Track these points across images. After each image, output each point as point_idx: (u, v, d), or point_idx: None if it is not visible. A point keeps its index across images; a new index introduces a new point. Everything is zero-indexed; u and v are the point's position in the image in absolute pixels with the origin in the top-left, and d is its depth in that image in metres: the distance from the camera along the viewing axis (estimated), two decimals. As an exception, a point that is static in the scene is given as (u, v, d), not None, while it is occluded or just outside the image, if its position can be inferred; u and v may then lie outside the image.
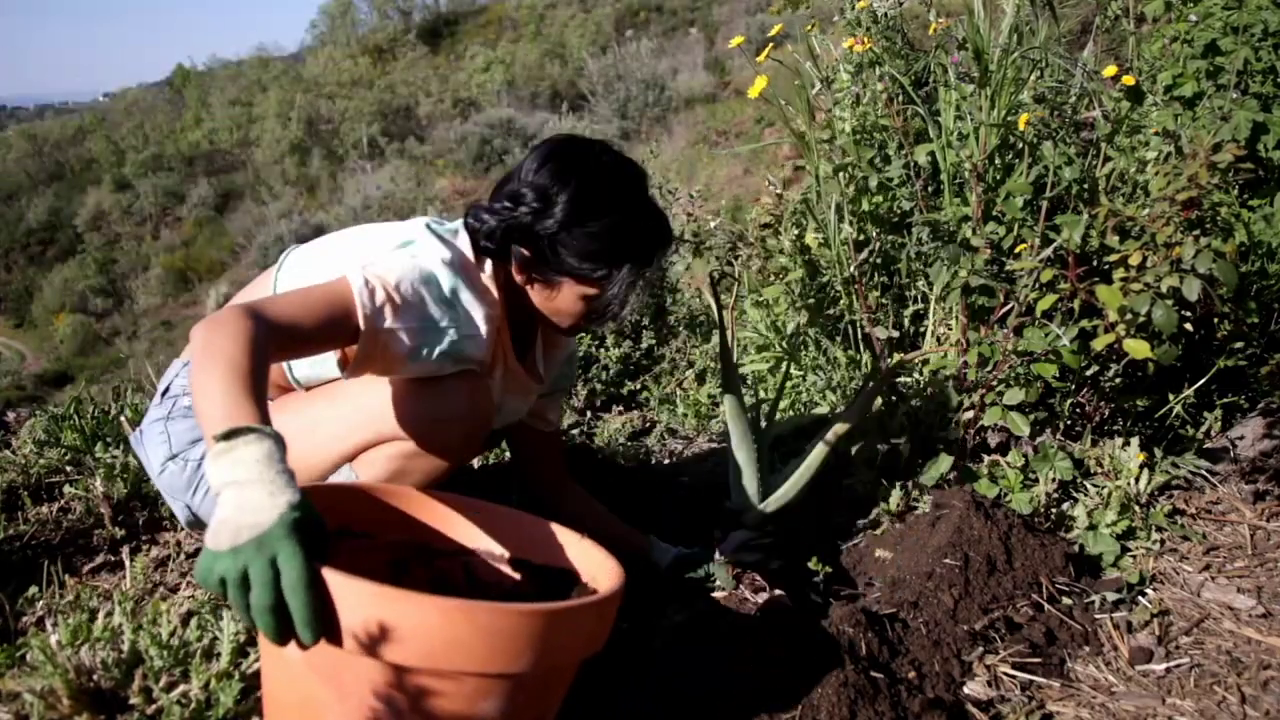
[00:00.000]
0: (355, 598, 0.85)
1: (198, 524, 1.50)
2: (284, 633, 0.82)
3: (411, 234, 1.35)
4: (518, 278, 1.39)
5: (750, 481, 1.70)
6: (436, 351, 1.26)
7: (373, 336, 1.19)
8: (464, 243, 1.38)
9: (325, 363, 1.35)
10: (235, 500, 0.85)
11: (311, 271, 1.41)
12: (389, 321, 1.20)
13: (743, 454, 1.69)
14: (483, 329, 1.31)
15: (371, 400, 1.33)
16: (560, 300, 1.39)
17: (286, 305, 1.13)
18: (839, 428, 1.69)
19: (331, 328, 1.16)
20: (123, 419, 1.88)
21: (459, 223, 1.41)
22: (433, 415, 1.31)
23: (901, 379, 1.96)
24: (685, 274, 2.91)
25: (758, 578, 1.55)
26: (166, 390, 1.50)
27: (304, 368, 1.43)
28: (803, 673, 1.24)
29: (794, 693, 1.21)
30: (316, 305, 1.15)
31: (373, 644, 0.85)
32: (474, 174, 22.84)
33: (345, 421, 1.36)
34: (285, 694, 0.96)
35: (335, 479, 1.38)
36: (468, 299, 1.30)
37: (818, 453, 1.69)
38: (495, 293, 1.36)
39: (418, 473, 1.35)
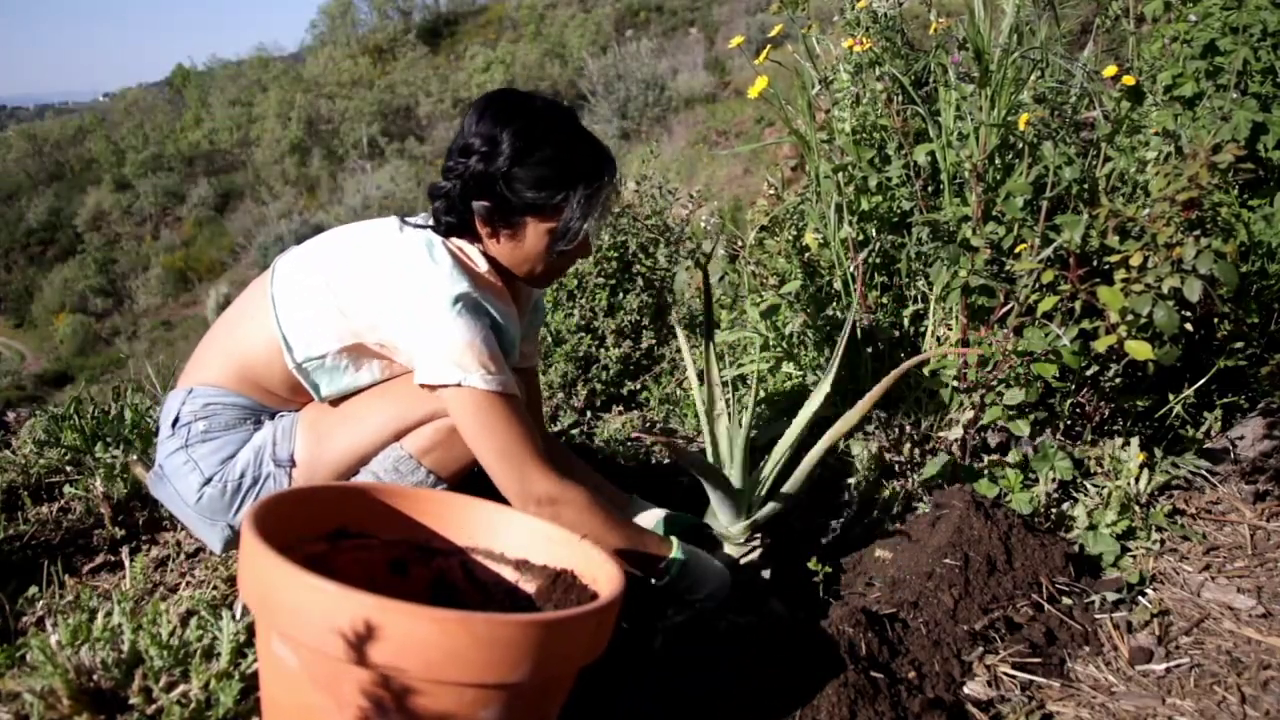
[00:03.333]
0: (353, 608, 0.85)
1: (238, 544, 1.49)
2: None
3: (421, 266, 1.43)
4: (482, 233, 1.49)
5: (725, 504, 1.61)
6: (507, 348, 1.47)
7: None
8: (441, 253, 1.45)
9: (350, 381, 1.49)
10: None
11: (310, 299, 1.47)
12: (497, 370, 1.39)
13: (711, 487, 1.60)
14: (506, 310, 1.48)
15: (423, 388, 1.44)
16: (527, 243, 1.49)
17: (499, 446, 1.38)
18: (835, 431, 1.60)
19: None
20: (137, 467, 1.88)
21: (430, 221, 1.52)
22: None
23: (901, 378, 1.96)
24: (686, 275, 2.91)
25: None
26: (176, 420, 1.50)
27: (328, 387, 1.50)
28: (803, 672, 1.24)
29: (794, 692, 1.21)
30: (501, 421, 1.38)
31: (371, 654, 0.85)
32: (474, 174, 22.77)
33: (394, 409, 1.48)
34: (285, 700, 0.96)
35: (385, 453, 1.48)
36: (490, 303, 1.45)
37: (809, 460, 1.60)
38: (484, 266, 1.50)
39: (460, 446, 1.46)
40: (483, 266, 1.49)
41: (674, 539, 1.49)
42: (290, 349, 1.46)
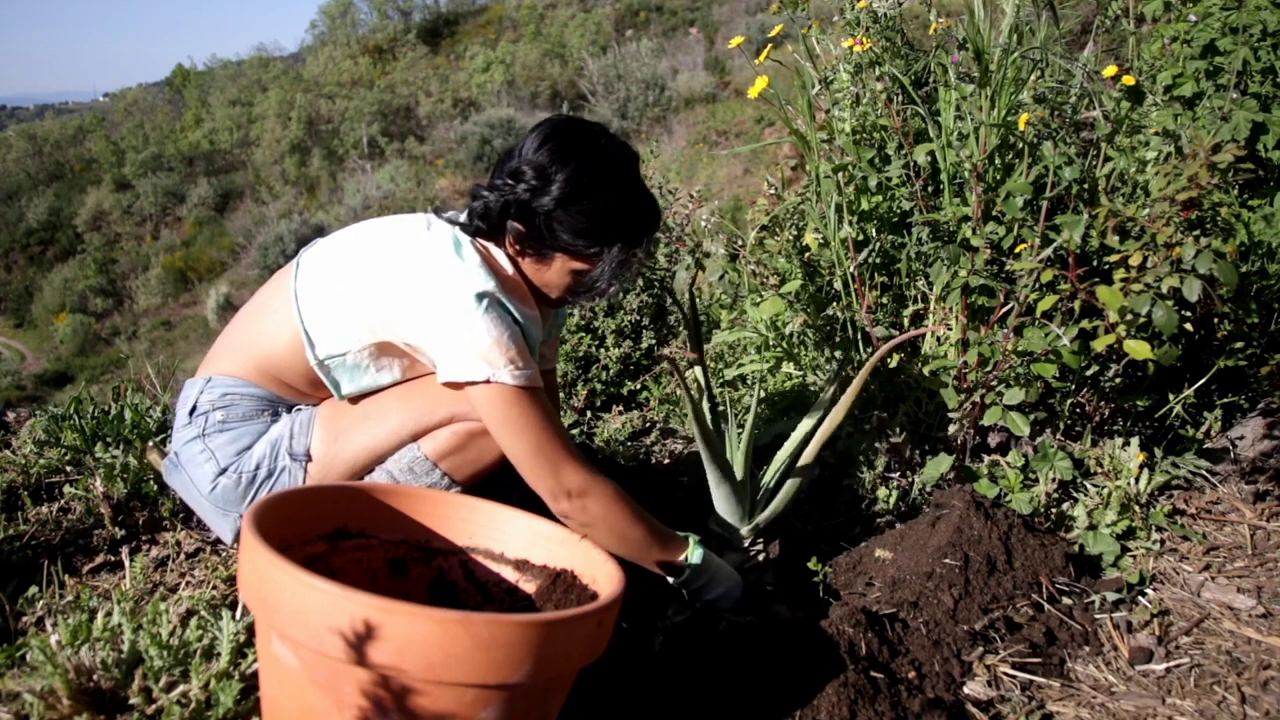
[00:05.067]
0: (353, 608, 0.85)
1: None
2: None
3: (448, 263, 1.41)
4: (510, 249, 1.48)
5: (731, 505, 1.63)
6: (530, 348, 1.45)
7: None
8: (469, 251, 1.43)
9: (371, 380, 1.49)
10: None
11: (334, 294, 1.46)
12: (524, 365, 1.37)
13: (718, 485, 1.62)
14: (530, 313, 1.47)
15: (444, 390, 1.43)
16: (550, 273, 1.48)
17: (532, 441, 1.36)
18: (821, 435, 1.62)
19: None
20: (153, 453, 1.88)
21: (462, 218, 1.49)
22: None
23: (902, 378, 1.96)
24: (687, 275, 2.90)
25: None
26: (194, 409, 1.50)
27: (349, 385, 1.50)
28: (803, 673, 1.24)
29: (794, 692, 1.21)
30: (532, 416, 1.36)
31: (371, 655, 0.85)
32: (474, 174, 22.83)
33: (414, 410, 1.47)
34: (285, 701, 0.96)
35: (401, 453, 1.47)
36: (514, 305, 1.43)
37: (806, 456, 1.63)
38: (510, 269, 1.48)
39: (475, 451, 1.46)
40: (509, 269, 1.49)
41: (691, 537, 1.48)
42: (312, 345, 1.45)
